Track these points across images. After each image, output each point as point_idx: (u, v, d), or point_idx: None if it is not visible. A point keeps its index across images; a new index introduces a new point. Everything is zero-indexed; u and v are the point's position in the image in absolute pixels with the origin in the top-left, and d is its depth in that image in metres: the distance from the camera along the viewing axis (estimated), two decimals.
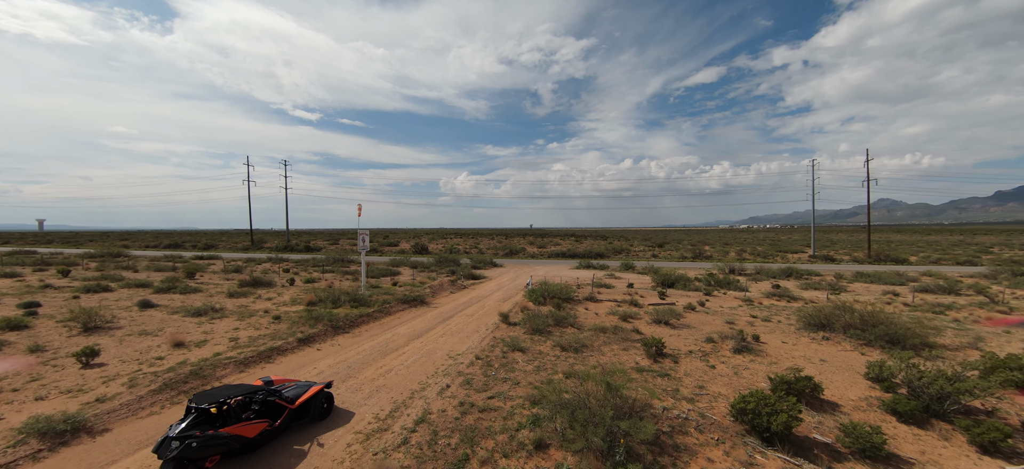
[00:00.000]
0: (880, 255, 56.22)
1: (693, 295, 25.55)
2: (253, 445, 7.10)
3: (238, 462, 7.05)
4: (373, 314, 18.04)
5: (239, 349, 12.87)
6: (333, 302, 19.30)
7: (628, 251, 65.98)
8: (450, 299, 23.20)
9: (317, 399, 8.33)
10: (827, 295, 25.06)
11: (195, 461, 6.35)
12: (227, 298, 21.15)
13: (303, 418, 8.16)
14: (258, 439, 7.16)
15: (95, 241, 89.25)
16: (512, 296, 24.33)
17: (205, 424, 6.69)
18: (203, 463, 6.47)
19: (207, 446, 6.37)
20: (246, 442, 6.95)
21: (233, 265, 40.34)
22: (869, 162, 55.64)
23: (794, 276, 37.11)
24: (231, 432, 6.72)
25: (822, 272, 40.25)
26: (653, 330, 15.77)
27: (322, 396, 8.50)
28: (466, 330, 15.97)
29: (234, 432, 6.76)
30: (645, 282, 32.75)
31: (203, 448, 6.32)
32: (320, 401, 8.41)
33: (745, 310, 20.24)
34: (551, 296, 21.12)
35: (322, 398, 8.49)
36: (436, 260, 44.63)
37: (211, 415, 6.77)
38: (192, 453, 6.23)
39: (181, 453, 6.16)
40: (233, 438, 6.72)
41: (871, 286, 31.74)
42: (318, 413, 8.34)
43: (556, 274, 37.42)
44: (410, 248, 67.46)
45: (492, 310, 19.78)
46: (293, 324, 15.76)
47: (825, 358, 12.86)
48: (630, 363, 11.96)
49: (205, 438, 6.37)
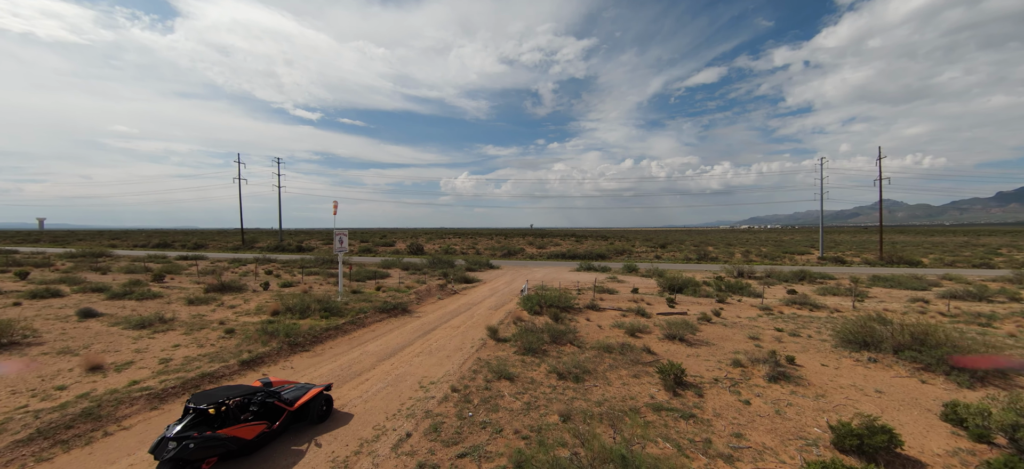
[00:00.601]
0: (892, 257, 53.74)
1: (705, 302, 23.13)
2: (251, 447, 7.01)
3: (235, 464, 6.88)
4: (343, 326, 15.64)
5: (164, 375, 10.48)
6: (301, 312, 16.91)
7: (630, 252, 63.55)
8: (436, 307, 20.79)
9: (316, 401, 8.15)
10: (853, 302, 22.63)
11: (192, 462, 6.21)
12: (185, 306, 18.77)
13: (302, 420, 8.05)
14: (256, 441, 7.06)
15: (85, 239, 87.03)
16: (506, 303, 21.94)
17: (203, 425, 6.54)
18: (200, 464, 6.34)
19: (205, 447, 6.24)
20: (244, 444, 6.83)
21: (216, 266, 38.04)
22: (881, 160, 53.20)
23: (807, 280, 34.71)
24: (229, 433, 6.60)
25: (836, 275, 37.83)
26: (667, 348, 13.36)
27: (321, 398, 8.32)
28: (448, 348, 13.56)
29: (232, 433, 6.64)
30: (650, 286, 30.34)
31: (200, 449, 6.18)
32: (319, 403, 8.21)
33: (767, 322, 17.82)
34: (548, 304, 18.72)
35: (321, 400, 8.30)
36: (429, 261, 42.27)
37: (209, 416, 6.64)
38: (189, 454, 6.08)
39: (178, 454, 6.01)
40: (231, 440, 6.60)
41: (893, 291, 29.32)
42: (317, 415, 8.17)
43: (555, 277, 35.02)
44: (405, 249, 65.11)
45: (481, 321, 17.38)
46: (244, 340, 13.37)
47: (880, 388, 10.44)
48: (643, 396, 9.56)
49: (203, 439, 6.22)
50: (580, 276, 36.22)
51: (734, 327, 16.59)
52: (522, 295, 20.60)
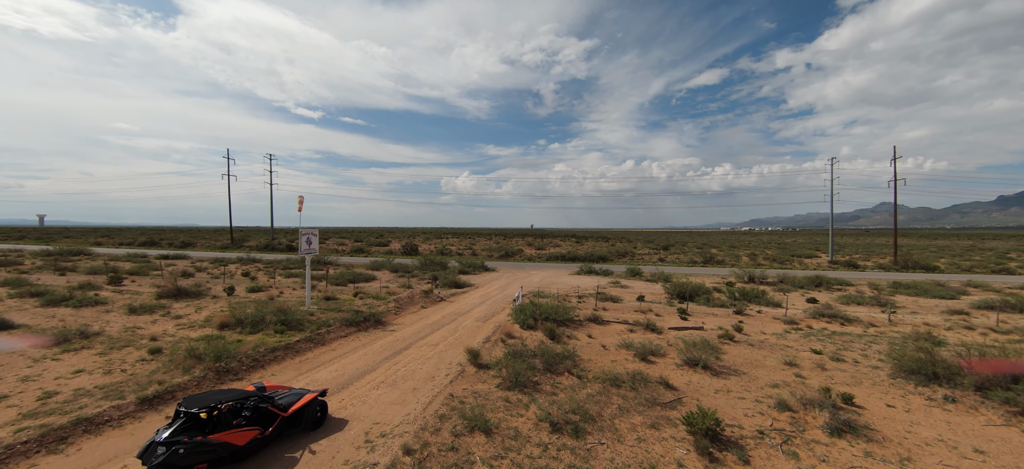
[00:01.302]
0: (907, 261, 51.04)
1: (720, 313, 20.48)
2: (242, 453, 6.75)
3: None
4: (297, 345, 13.01)
5: (29, 420, 7.87)
6: (252, 325, 14.30)
7: (632, 254, 60.86)
8: (417, 318, 18.16)
9: (310, 408, 7.93)
10: (888, 316, 19.96)
11: (181, 468, 6.04)
12: (124, 315, 16.14)
13: (296, 427, 7.75)
14: (248, 447, 6.80)
15: (81, 236, 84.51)
16: (497, 313, 19.31)
17: (194, 430, 6.37)
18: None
19: (194, 453, 6.10)
20: (235, 450, 6.61)
21: (197, 266, 35.44)
22: (896, 160, 50.48)
23: (824, 286, 32.06)
24: (220, 439, 6.42)
25: (853, 281, 35.19)
26: (689, 379, 10.73)
27: (316, 404, 8.09)
28: (417, 376, 10.92)
29: (223, 439, 6.46)
30: (657, 292, 27.71)
31: (190, 455, 6.06)
32: (313, 410, 8.00)
33: (798, 340, 15.16)
34: (544, 317, 16.08)
35: (316, 407, 8.08)
36: (421, 263, 39.65)
37: (200, 420, 6.48)
38: (179, 460, 5.95)
39: (167, 459, 5.89)
40: (221, 445, 6.41)
41: (921, 300, 26.67)
42: (311, 422, 7.93)
43: (554, 281, 32.40)
44: (399, 249, 62.52)
45: (464, 338, 14.73)
46: (163, 366, 10.75)
47: (979, 446, 7.80)
48: (667, 461, 6.95)
49: (193, 445, 6.10)
50: (581, 280, 33.59)
51: (763, 347, 13.94)
52: (515, 305, 18.00)
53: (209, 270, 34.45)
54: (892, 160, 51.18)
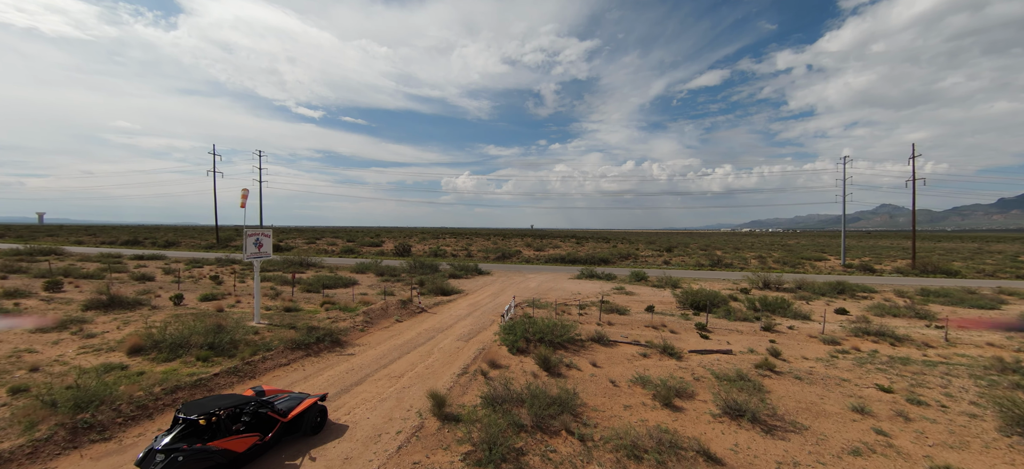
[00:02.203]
0: (926, 265, 47.92)
1: (744, 328, 17.43)
2: (242, 460, 6.55)
3: None
4: (214, 380, 9.98)
5: None
6: (172, 348, 11.30)
7: (635, 257, 57.77)
8: (388, 335, 15.13)
9: (310, 413, 7.70)
10: (945, 334, 16.90)
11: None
12: (28, 333, 13.13)
13: (296, 432, 7.52)
14: (248, 454, 6.61)
15: (57, 234, 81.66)
16: (483, 329, 16.29)
17: (193, 436, 6.15)
18: None
19: (194, 460, 5.90)
20: (235, 457, 6.40)
21: (165, 267, 32.47)
22: (915, 158, 47.40)
23: (848, 293, 29.04)
24: (220, 446, 6.21)
25: (875, 287, 32.15)
26: (735, 441, 7.70)
27: (316, 410, 7.86)
28: (357, 435, 7.87)
29: (223, 446, 6.24)
30: (666, 301, 24.68)
31: (189, 462, 5.84)
32: (313, 415, 7.77)
33: (854, 370, 12.11)
34: (538, 336, 13.06)
35: (316, 412, 7.84)
36: (410, 265, 36.66)
37: (199, 427, 6.25)
38: (178, 467, 5.73)
39: (166, 467, 5.67)
40: (221, 452, 6.20)
41: (958, 310, 23.63)
42: (311, 427, 7.70)
43: (552, 287, 29.40)
44: (392, 250, 59.52)
45: (437, 367, 11.70)
46: (9, 419, 7.74)
47: None
48: None
49: (192, 452, 5.91)
50: (582, 285, 30.60)
51: (815, 382, 10.90)
52: (504, 321, 15.02)
53: (178, 272, 31.46)
54: (911, 158, 48.14)
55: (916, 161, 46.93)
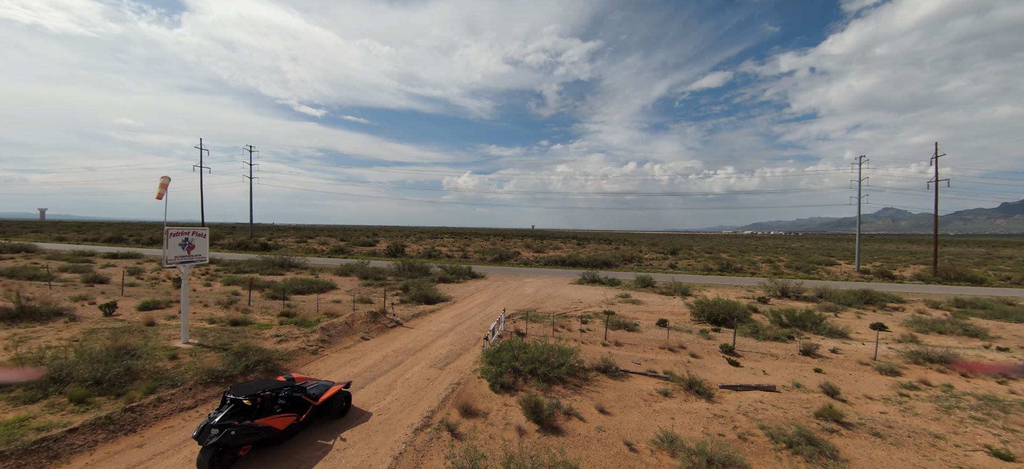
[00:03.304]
0: (949, 272, 44.85)
1: (779, 350, 14.46)
2: (282, 436, 7.36)
3: (267, 452, 7.19)
4: (64, 440, 7.08)
5: None
6: (43, 384, 8.42)
7: (639, 260, 54.75)
8: (343, 361, 12.19)
9: (337, 398, 8.45)
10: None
11: (232, 448, 6.67)
12: None
13: (325, 415, 8.32)
14: (287, 431, 7.42)
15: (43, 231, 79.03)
16: (465, 350, 13.39)
17: (240, 415, 6.89)
18: (238, 450, 6.81)
19: (244, 434, 6.68)
20: (277, 433, 7.20)
21: (135, 267, 29.65)
22: (937, 158, 44.32)
23: (875, 304, 26.06)
24: (264, 423, 7.01)
25: (904, 297, 29.15)
26: None
27: (342, 396, 8.58)
28: None
29: (267, 423, 7.03)
30: (678, 311, 21.76)
31: (240, 436, 6.63)
32: (340, 400, 8.50)
33: (941, 416, 9.17)
34: (530, 367, 10.16)
35: (342, 397, 8.56)
36: (399, 268, 33.78)
37: (245, 407, 7.00)
38: (230, 440, 6.52)
39: (221, 440, 6.43)
40: (266, 429, 7.00)
41: (1006, 325, 20.71)
42: (338, 411, 8.45)
43: (551, 293, 26.51)
44: (385, 250, 56.64)
45: (391, 420, 8.77)
46: None
47: None
48: None
49: (243, 427, 6.67)
50: (583, 292, 27.69)
51: (901, 441, 7.96)
52: (487, 347, 12.11)
53: (144, 274, 28.67)
54: (933, 158, 45.06)
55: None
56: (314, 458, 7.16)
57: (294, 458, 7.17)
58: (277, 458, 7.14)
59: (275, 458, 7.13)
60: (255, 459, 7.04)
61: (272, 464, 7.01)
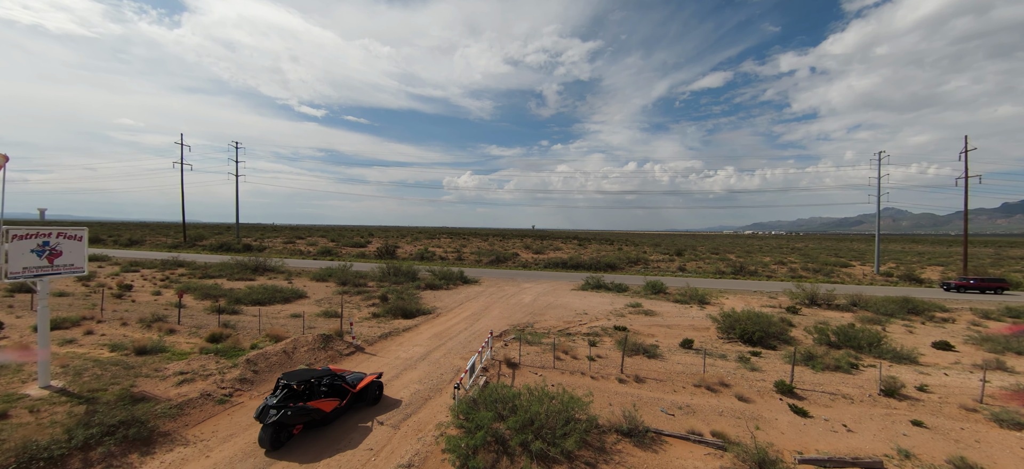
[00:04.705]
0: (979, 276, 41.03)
1: (851, 388, 10.93)
2: (328, 418, 8.15)
3: (315, 432, 7.99)
4: None
5: None
6: None
7: (646, 262, 51.16)
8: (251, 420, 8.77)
9: (371, 387, 9.29)
10: None
11: (287, 427, 7.45)
12: None
13: (362, 401, 9.13)
14: (332, 414, 8.19)
15: None
16: (436, 392, 9.91)
17: (292, 398, 7.68)
18: (292, 429, 7.57)
19: (298, 415, 7.44)
20: (324, 415, 7.97)
21: (91, 272, 26.36)
22: (967, 153, 40.71)
23: (921, 314, 22.54)
24: (314, 405, 7.77)
25: (947, 305, 25.60)
26: None
27: (375, 385, 9.42)
28: None
29: (316, 406, 7.80)
30: (699, 324, 18.30)
31: (296, 416, 7.40)
32: (373, 389, 9.34)
33: None
34: (520, 439, 6.70)
35: (375, 387, 9.40)
36: (383, 272, 30.27)
37: (295, 391, 7.78)
38: (288, 419, 7.29)
39: (280, 419, 7.24)
40: (316, 410, 7.76)
41: None
42: (372, 399, 9.29)
43: (552, 302, 23.02)
44: (375, 251, 53.13)
45: None
46: None
47: None
48: None
49: (298, 408, 7.46)
50: (588, 299, 24.21)
51: None
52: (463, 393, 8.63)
53: (95, 279, 25.25)
54: (963, 152, 41.41)
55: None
56: (358, 438, 7.86)
57: (342, 437, 7.91)
58: (326, 437, 7.92)
59: (324, 437, 7.91)
60: (307, 438, 7.79)
61: (323, 441, 7.80)
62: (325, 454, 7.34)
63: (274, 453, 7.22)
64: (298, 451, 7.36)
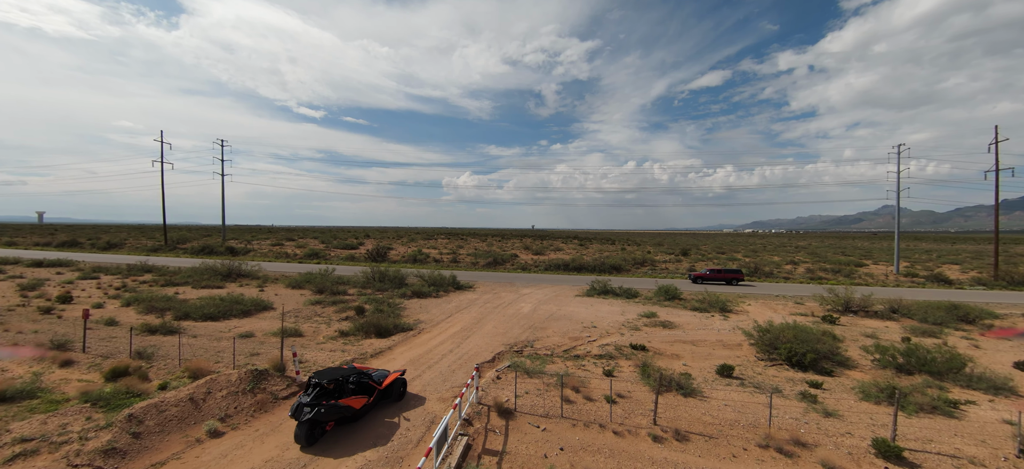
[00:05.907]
0: (1011, 275, 38.01)
1: (970, 445, 7.82)
2: (358, 415, 8.38)
3: (347, 427, 8.25)
4: None
5: None
6: None
7: (652, 263, 48.00)
8: None
9: (396, 384, 9.52)
10: None
11: (321, 423, 7.67)
12: None
13: (387, 398, 9.36)
14: (362, 410, 8.44)
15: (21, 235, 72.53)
16: None
17: (324, 396, 7.77)
18: (325, 426, 7.79)
19: (331, 412, 7.67)
20: (354, 412, 8.24)
21: (53, 277, 23.20)
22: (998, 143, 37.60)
23: (974, 323, 19.45)
24: (345, 403, 8.01)
25: (998, 310, 22.49)
26: None
27: (399, 382, 9.64)
28: None
29: (346, 403, 8.04)
30: (728, 340, 15.20)
31: (329, 413, 7.64)
32: (399, 386, 9.59)
33: None
34: None
35: (400, 383, 9.63)
36: (368, 277, 27.15)
37: (326, 389, 7.83)
38: (321, 416, 7.50)
39: (314, 416, 7.43)
40: (346, 407, 8.02)
41: None
42: (397, 395, 9.54)
43: (555, 311, 19.93)
44: (365, 253, 49.99)
45: None
46: None
47: None
48: None
49: (331, 405, 7.68)
50: (595, 308, 21.13)
51: None
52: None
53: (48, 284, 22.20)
54: (994, 143, 38.24)
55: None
56: (388, 433, 8.12)
57: (372, 432, 8.18)
58: (358, 432, 8.19)
59: (356, 432, 8.20)
60: (339, 434, 8.06)
61: (356, 436, 8.07)
62: (358, 449, 7.63)
63: (309, 449, 7.53)
64: (334, 447, 7.64)
